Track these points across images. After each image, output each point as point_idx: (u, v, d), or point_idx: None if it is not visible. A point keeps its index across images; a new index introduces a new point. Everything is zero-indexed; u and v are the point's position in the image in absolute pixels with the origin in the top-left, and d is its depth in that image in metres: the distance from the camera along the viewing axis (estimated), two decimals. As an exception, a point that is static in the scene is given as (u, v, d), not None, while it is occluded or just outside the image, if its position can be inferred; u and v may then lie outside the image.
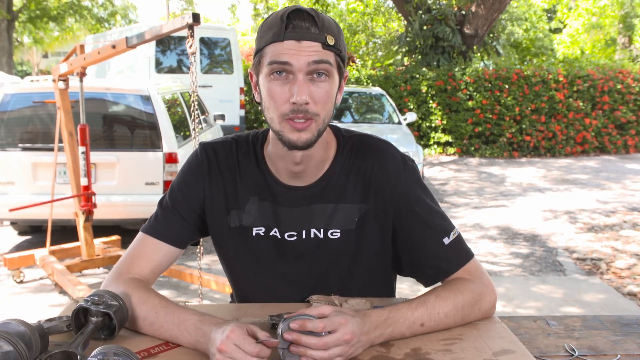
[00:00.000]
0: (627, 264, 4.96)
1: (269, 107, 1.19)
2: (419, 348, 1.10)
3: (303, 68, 1.13)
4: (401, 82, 12.51)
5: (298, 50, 1.13)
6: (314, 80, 1.16)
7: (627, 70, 12.75)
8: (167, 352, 1.09)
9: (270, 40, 1.15)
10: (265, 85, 1.18)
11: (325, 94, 1.17)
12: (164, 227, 1.31)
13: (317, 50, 1.14)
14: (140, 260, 1.29)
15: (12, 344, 0.94)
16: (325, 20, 1.17)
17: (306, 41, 1.13)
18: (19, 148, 5.12)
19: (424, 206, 1.30)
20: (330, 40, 1.15)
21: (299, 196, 1.29)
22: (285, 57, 1.13)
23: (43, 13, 22.82)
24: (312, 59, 1.14)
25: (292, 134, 1.17)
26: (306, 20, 1.14)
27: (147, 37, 3.43)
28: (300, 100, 1.13)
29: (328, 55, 1.15)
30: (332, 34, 1.16)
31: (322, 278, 1.32)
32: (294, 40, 1.13)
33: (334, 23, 1.19)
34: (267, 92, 1.18)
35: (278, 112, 1.17)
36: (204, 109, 7.01)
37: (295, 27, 1.13)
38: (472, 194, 8.31)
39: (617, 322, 1.29)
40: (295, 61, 1.13)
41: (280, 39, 1.13)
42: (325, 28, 1.15)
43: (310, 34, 1.13)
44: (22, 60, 35.92)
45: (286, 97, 1.15)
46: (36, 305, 4.15)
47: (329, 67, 1.16)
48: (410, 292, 3.81)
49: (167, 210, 1.33)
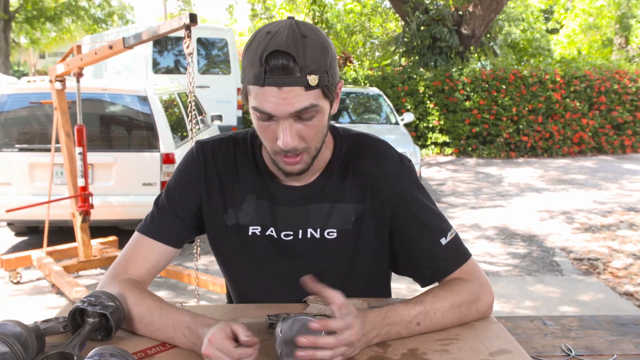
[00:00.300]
0: (624, 264, 4.97)
1: (260, 138, 1.20)
2: (416, 348, 1.10)
3: (286, 116, 1.11)
4: (398, 83, 12.52)
5: (280, 99, 1.08)
6: (301, 120, 1.13)
7: (624, 71, 12.78)
8: (163, 352, 1.09)
9: (252, 82, 1.11)
10: (254, 120, 1.17)
11: (313, 130, 1.15)
12: (160, 227, 1.31)
13: (300, 95, 1.09)
14: (136, 260, 1.29)
15: (9, 345, 0.94)
16: (308, 51, 1.08)
17: (287, 87, 1.08)
18: (16, 149, 5.11)
19: (421, 206, 1.29)
20: (312, 82, 1.08)
21: (296, 196, 1.29)
22: (267, 106, 1.10)
23: (40, 13, 22.79)
24: (294, 109, 1.09)
25: (286, 166, 1.19)
26: (285, 61, 1.06)
27: (144, 37, 3.42)
28: (286, 145, 1.12)
29: (312, 96, 1.10)
30: (315, 70, 1.09)
31: (319, 278, 1.30)
32: (274, 87, 1.08)
33: (318, 47, 1.10)
34: (256, 127, 1.18)
35: (269, 146, 1.18)
36: (201, 110, 7.01)
37: (274, 72, 1.07)
38: (470, 194, 8.32)
39: (614, 322, 1.29)
40: (277, 111, 1.10)
41: (260, 83, 1.08)
42: (307, 65, 1.08)
43: (291, 79, 1.07)
44: (19, 60, 35.87)
45: (274, 137, 1.14)
46: (33, 306, 4.15)
47: (313, 109, 1.12)
48: (407, 292, 3.81)
49: (163, 210, 1.32)
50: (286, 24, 1.10)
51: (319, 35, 1.12)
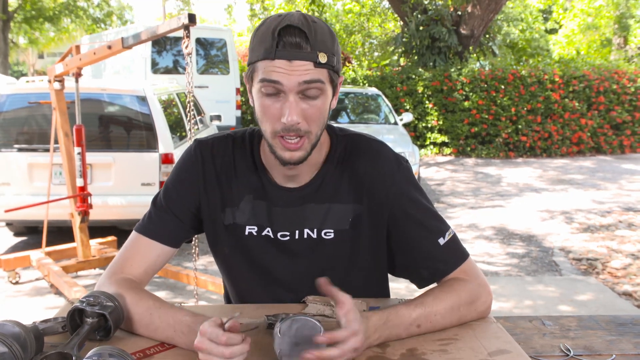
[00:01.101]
0: (623, 264, 4.97)
1: (262, 121, 1.19)
2: (415, 348, 1.10)
3: (294, 88, 1.12)
4: (397, 83, 12.52)
5: (289, 70, 1.11)
6: (306, 99, 1.14)
7: (623, 71, 12.79)
8: (162, 352, 1.09)
9: (261, 57, 1.13)
10: (257, 100, 1.17)
11: (317, 111, 1.16)
12: (157, 227, 1.30)
13: (309, 70, 1.12)
14: (133, 260, 1.28)
15: (7, 345, 0.94)
16: (319, 33, 1.13)
17: (297, 60, 1.11)
18: (15, 149, 5.11)
19: (418, 207, 1.29)
20: (322, 58, 1.12)
21: (293, 196, 1.29)
22: (276, 76, 1.11)
23: (39, 13, 22.78)
24: (303, 79, 1.11)
25: (284, 152, 1.18)
26: (298, 37, 1.10)
27: (143, 37, 3.42)
28: (291, 121, 1.13)
29: (320, 73, 1.13)
30: (324, 50, 1.13)
31: (317, 278, 1.31)
32: (284, 60, 1.11)
33: (327, 33, 1.15)
34: (259, 106, 1.17)
35: (270, 128, 1.17)
36: (200, 110, 7.00)
37: (286, 45, 1.10)
38: (469, 194, 8.32)
39: (613, 322, 1.29)
40: (286, 81, 1.11)
41: (271, 56, 1.11)
42: (317, 44, 1.12)
43: (302, 53, 1.11)
44: (18, 60, 35.84)
45: (278, 115, 1.14)
46: (32, 307, 4.14)
47: (320, 85, 1.14)
48: (406, 292, 3.81)
49: (160, 210, 1.32)
50: (296, 12, 1.15)
51: (327, 26, 1.17)
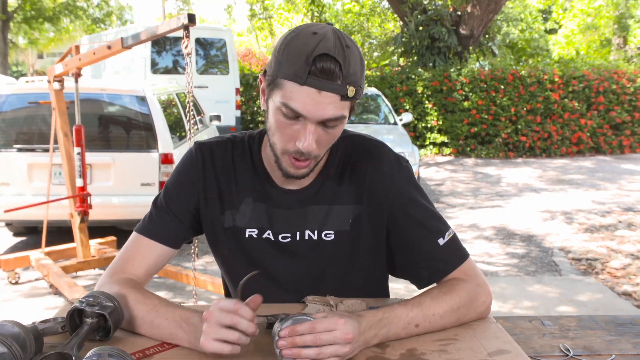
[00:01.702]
0: (622, 264, 4.97)
1: (274, 134, 1.17)
2: (415, 349, 1.10)
3: (316, 121, 1.11)
4: (397, 83, 12.52)
5: (316, 102, 1.09)
6: (325, 127, 1.14)
7: (622, 71, 12.80)
8: (162, 352, 1.09)
9: (290, 77, 1.09)
10: (274, 115, 1.15)
11: (332, 138, 1.17)
12: (158, 227, 1.31)
13: (335, 103, 1.10)
14: (134, 260, 1.29)
15: (7, 346, 0.94)
16: (352, 64, 1.09)
17: (326, 92, 1.08)
18: (15, 149, 5.11)
19: (418, 207, 1.29)
20: (350, 92, 1.09)
21: (294, 198, 1.29)
22: (300, 106, 1.09)
23: (38, 13, 22.78)
24: (326, 116, 1.10)
25: (290, 168, 1.18)
26: (331, 65, 1.07)
27: (142, 37, 3.42)
28: (307, 148, 1.12)
29: (344, 107, 1.12)
30: (354, 82, 1.10)
31: (318, 279, 1.32)
32: (314, 89, 1.08)
33: (358, 61, 1.12)
34: (275, 122, 1.15)
35: (282, 145, 1.16)
36: (200, 110, 7.00)
37: (319, 75, 1.07)
38: (468, 195, 8.32)
39: (612, 322, 1.29)
40: (310, 114, 1.10)
41: (301, 82, 1.08)
42: (349, 76, 1.09)
43: (332, 85, 1.08)
44: (17, 61, 35.82)
45: (293, 137, 1.14)
46: (31, 307, 4.14)
47: (341, 119, 1.14)
48: (406, 292, 3.81)
49: (161, 210, 1.32)
50: (330, 30, 1.11)
51: (357, 49, 1.13)
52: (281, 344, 0.99)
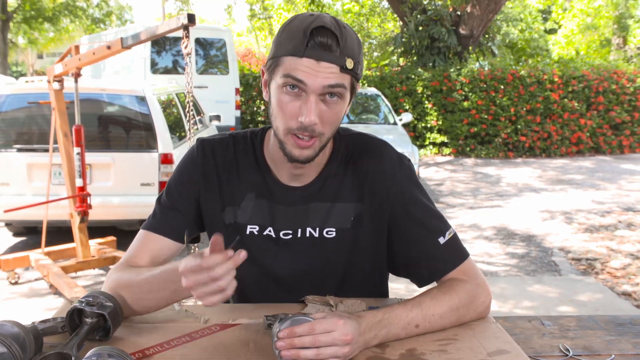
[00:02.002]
0: (622, 264, 4.97)
1: (276, 116, 1.18)
2: (414, 349, 1.10)
3: (317, 90, 1.13)
4: (397, 83, 12.52)
5: (315, 71, 1.11)
6: (326, 101, 1.15)
7: (622, 71, 12.80)
8: (161, 352, 1.09)
9: (289, 52, 1.13)
10: (276, 95, 1.17)
11: (334, 115, 1.17)
12: (162, 223, 1.32)
13: (334, 73, 1.12)
14: (139, 252, 1.31)
15: (6, 346, 0.94)
16: (348, 39, 1.14)
17: (325, 62, 1.11)
18: (14, 149, 5.11)
19: (419, 206, 1.30)
20: (349, 64, 1.13)
21: (297, 195, 1.30)
22: (302, 75, 1.12)
23: (38, 13, 22.77)
24: (327, 83, 1.12)
25: (294, 149, 1.18)
26: (329, 39, 1.11)
27: (142, 37, 3.43)
28: (309, 122, 1.13)
29: (344, 78, 1.14)
30: (352, 56, 1.14)
31: (318, 277, 1.32)
32: (313, 59, 1.11)
33: (355, 40, 1.16)
34: (277, 102, 1.17)
35: (285, 124, 1.17)
36: (200, 110, 7.00)
37: (317, 46, 1.11)
38: (468, 195, 8.32)
39: (612, 322, 1.29)
40: (310, 81, 1.12)
41: (300, 54, 1.11)
42: (346, 49, 1.13)
43: (330, 56, 1.11)
44: (17, 61, 35.82)
45: (295, 113, 1.15)
46: (31, 307, 4.14)
47: (342, 90, 1.15)
48: (406, 293, 3.81)
49: (164, 207, 1.33)
50: (327, 14, 1.16)
51: (355, 32, 1.19)
52: (280, 345, 0.99)
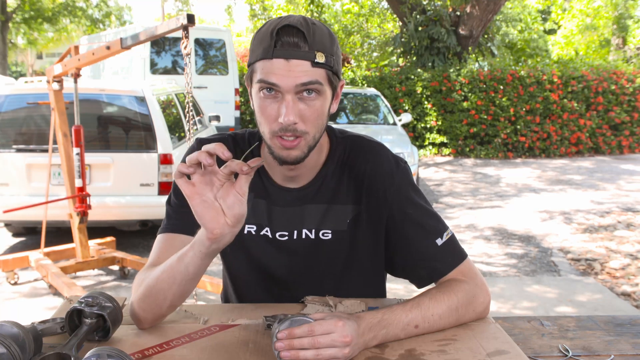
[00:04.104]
0: (622, 264, 4.98)
1: (260, 122, 1.19)
2: (413, 349, 1.10)
3: (291, 89, 1.12)
4: (396, 83, 12.52)
5: (286, 71, 1.11)
6: (304, 99, 1.14)
7: (621, 71, 12.81)
8: (161, 353, 1.09)
9: (259, 57, 1.14)
10: (256, 101, 1.18)
11: (314, 112, 1.16)
12: (177, 221, 1.30)
13: (306, 70, 1.12)
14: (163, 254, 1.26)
15: (6, 346, 0.94)
16: (317, 34, 1.13)
17: (295, 60, 1.11)
18: (14, 149, 5.11)
19: (417, 207, 1.30)
20: (320, 58, 1.12)
21: (293, 197, 1.30)
22: (273, 77, 1.12)
23: (37, 14, 22.76)
24: (300, 81, 1.12)
25: (281, 151, 1.18)
26: (295, 37, 1.11)
27: (141, 38, 3.43)
28: (287, 121, 1.13)
29: (317, 73, 1.13)
30: (322, 50, 1.13)
31: (315, 279, 1.32)
32: (282, 59, 1.11)
33: (326, 35, 1.16)
34: (258, 107, 1.18)
35: (268, 128, 1.17)
36: (199, 110, 7.01)
37: (284, 45, 1.11)
38: (467, 195, 8.32)
39: (611, 322, 1.29)
40: (283, 83, 1.12)
41: (269, 56, 1.12)
42: (316, 43, 1.12)
43: (299, 52, 1.11)
44: (16, 61, 35.81)
45: (275, 115, 1.15)
46: (30, 307, 4.14)
47: (318, 86, 1.14)
48: (405, 293, 3.82)
49: (175, 206, 1.32)
50: (298, 15, 1.16)
51: (327, 27, 1.18)
52: (279, 346, 0.99)
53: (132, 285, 1.27)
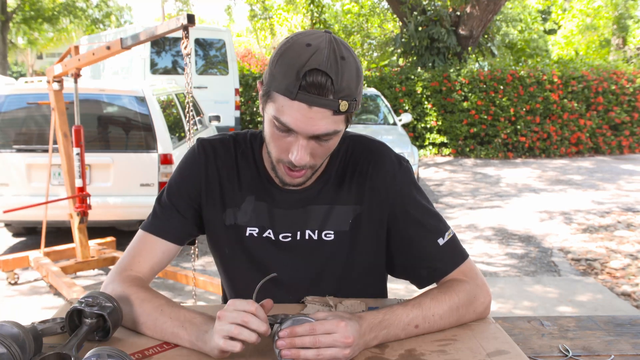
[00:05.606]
0: (622, 264, 4.97)
1: (269, 142, 1.17)
2: (414, 349, 1.10)
3: (306, 136, 1.11)
4: (396, 83, 12.52)
5: (306, 118, 1.07)
6: (318, 140, 1.13)
7: (621, 71, 12.81)
8: (161, 353, 1.09)
9: (281, 91, 1.07)
10: (268, 125, 1.15)
11: (326, 150, 1.16)
12: (162, 224, 1.31)
13: (327, 118, 1.08)
14: (140, 257, 1.29)
15: (6, 346, 0.94)
16: (345, 75, 1.06)
17: (317, 107, 1.06)
18: (14, 149, 5.11)
19: (418, 207, 1.30)
20: (343, 107, 1.07)
21: (295, 198, 1.29)
22: (291, 121, 1.08)
23: (37, 14, 22.76)
24: (318, 132, 1.09)
25: (285, 177, 1.19)
26: (322, 81, 1.04)
27: (141, 38, 3.42)
28: (299, 161, 1.12)
29: (336, 121, 1.10)
30: (348, 95, 1.07)
31: (317, 279, 1.32)
32: (304, 104, 1.06)
33: (354, 73, 1.09)
34: (269, 132, 1.15)
35: (276, 155, 1.17)
36: (199, 110, 7.00)
37: (309, 90, 1.04)
38: (467, 195, 8.32)
39: (611, 323, 1.29)
40: (300, 130, 1.09)
41: (291, 97, 1.06)
42: (342, 89, 1.06)
43: (323, 100, 1.05)
44: (17, 61, 35.81)
45: (286, 149, 1.13)
46: (30, 307, 4.14)
47: (334, 134, 1.12)
48: (405, 293, 3.81)
49: (164, 207, 1.32)
50: (326, 40, 1.08)
51: (354, 59, 1.11)
52: (280, 344, 0.99)
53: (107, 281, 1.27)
